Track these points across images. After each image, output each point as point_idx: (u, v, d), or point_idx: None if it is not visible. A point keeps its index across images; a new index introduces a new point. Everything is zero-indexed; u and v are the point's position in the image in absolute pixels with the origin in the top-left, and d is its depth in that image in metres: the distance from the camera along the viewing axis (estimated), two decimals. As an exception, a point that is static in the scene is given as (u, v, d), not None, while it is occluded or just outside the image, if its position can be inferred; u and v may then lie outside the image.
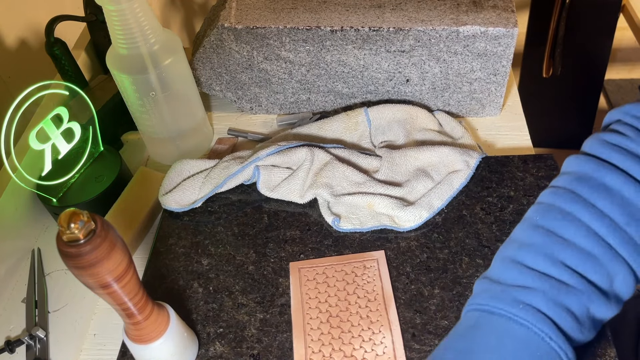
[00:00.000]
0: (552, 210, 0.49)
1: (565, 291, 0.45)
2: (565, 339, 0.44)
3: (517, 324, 0.44)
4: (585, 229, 0.47)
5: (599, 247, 0.46)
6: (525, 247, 0.48)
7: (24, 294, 0.63)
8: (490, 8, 0.71)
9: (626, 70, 1.93)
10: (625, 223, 0.47)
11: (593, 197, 0.48)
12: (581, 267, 0.46)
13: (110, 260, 0.41)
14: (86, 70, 0.82)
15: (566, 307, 0.45)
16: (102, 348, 0.60)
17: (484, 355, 0.44)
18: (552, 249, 0.47)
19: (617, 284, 0.47)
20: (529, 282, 0.46)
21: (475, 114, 0.79)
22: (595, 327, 0.47)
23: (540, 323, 0.44)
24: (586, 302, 0.45)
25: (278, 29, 0.71)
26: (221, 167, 0.69)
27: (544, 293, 0.45)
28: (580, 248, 0.46)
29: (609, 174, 0.48)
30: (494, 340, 0.44)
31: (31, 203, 0.69)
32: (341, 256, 0.63)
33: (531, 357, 0.43)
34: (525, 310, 0.44)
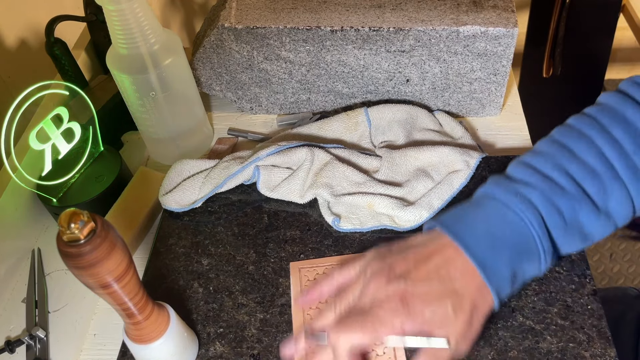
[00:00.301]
0: (572, 130, 0.55)
1: (560, 194, 0.52)
2: (547, 233, 0.52)
3: (509, 210, 0.52)
4: (595, 150, 0.53)
5: (602, 166, 0.52)
6: (538, 154, 0.55)
7: (24, 294, 0.63)
8: (490, 8, 0.71)
9: (626, 70, 1.93)
10: (632, 151, 0.52)
11: (611, 125, 0.53)
12: (581, 178, 0.52)
13: (110, 260, 0.41)
14: (86, 70, 0.82)
15: (557, 206, 0.51)
16: (102, 348, 0.60)
17: (473, 223, 0.52)
18: (561, 160, 0.53)
19: (612, 202, 0.52)
20: (531, 180, 0.53)
21: (475, 114, 0.79)
22: (581, 235, 0.53)
23: (529, 212, 0.51)
24: (576, 207, 0.51)
25: (278, 29, 0.71)
26: (221, 167, 0.69)
27: (541, 191, 0.52)
28: (585, 163, 0.52)
29: (630, 108, 0.53)
30: (485, 214, 0.52)
31: (31, 203, 0.69)
32: (342, 256, 0.62)
33: (512, 235, 0.51)
34: (521, 200, 0.52)
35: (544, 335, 0.54)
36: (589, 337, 0.54)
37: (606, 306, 0.56)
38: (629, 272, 1.54)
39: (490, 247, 0.50)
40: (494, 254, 0.50)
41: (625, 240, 1.59)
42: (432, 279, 0.50)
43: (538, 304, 0.57)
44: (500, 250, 0.50)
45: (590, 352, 0.53)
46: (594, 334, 0.54)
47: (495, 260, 0.50)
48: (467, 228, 0.52)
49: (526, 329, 0.55)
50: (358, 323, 0.49)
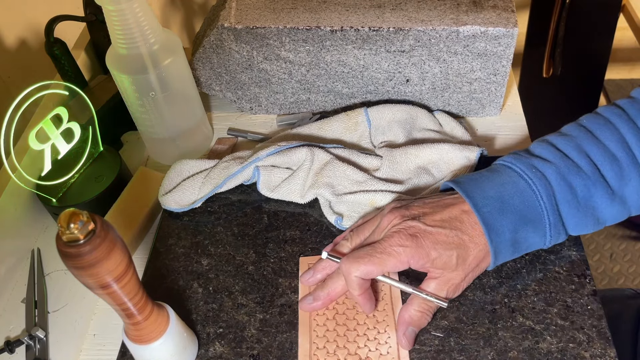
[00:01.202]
0: (599, 117, 0.57)
1: (576, 172, 0.53)
2: (556, 206, 0.53)
3: (522, 180, 0.54)
4: (618, 137, 0.54)
5: (623, 153, 0.54)
6: (562, 135, 0.57)
7: (23, 294, 0.63)
8: (490, 8, 0.71)
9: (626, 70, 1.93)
10: None
11: (637, 117, 0.55)
12: (600, 161, 0.53)
13: (110, 261, 0.41)
14: (86, 70, 0.82)
15: (570, 184, 0.53)
16: (102, 348, 0.60)
17: (485, 185, 0.54)
18: (582, 142, 0.55)
19: (628, 188, 0.53)
20: (550, 157, 0.55)
21: (475, 114, 0.79)
22: (593, 217, 0.54)
23: (540, 185, 0.53)
24: (591, 188, 0.53)
25: (278, 29, 0.71)
26: (221, 167, 0.69)
27: (557, 167, 0.53)
28: (606, 148, 0.54)
29: None
30: (499, 180, 0.55)
31: (31, 203, 0.69)
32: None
33: (520, 203, 0.53)
34: (535, 173, 0.53)
35: (544, 336, 0.54)
36: (589, 337, 0.54)
37: (603, 307, 0.56)
38: (629, 272, 1.54)
39: (498, 209, 0.53)
40: (500, 216, 0.53)
41: (625, 240, 1.59)
42: (444, 225, 0.53)
43: (538, 304, 0.57)
44: (507, 213, 0.53)
45: (590, 353, 0.53)
46: (594, 334, 0.54)
47: (500, 222, 0.53)
48: (479, 189, 0.54)
49: (526, 329, 0.55)
50: (368, 254, 0.53)
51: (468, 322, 0.56)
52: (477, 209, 0.53)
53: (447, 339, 0.55)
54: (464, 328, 0.56)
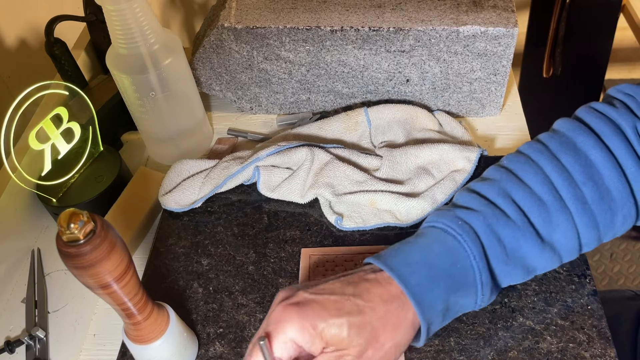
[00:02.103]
0: (521, 156, 0.52)
1: (504, 222, 0.48)
2: (487, 264, 0.48)
3: (450, 235, 0.48)
4: (543, 177, 0.50)
5: (550, 196, 0.49)
6: (483, 180, 0.52)
7: (23, 294, 0.63)
8: (490, 8, 0.71)
9: (626, 70, 1.93)
10: (582, 182, 0.49)
11: (560, 152, 0.50)
12: (527, 207, 0.49)
13: (110, 261, 0.41)
14: (86, 70, 0.82)
15: (499, 236, 0.48)
16: (102, 348, 0.60)
17: (412, 252, 0.48)
18: (506, 185, 0.50)
19: (557, 234, 0.49)
20: (474, 205, 0.50)
21: (475, 114, 0.79)
22: (523, 268, 0.49)
23: (470, 242, 0.47)
24: (520, 239, 0.48)
25: (278, 29, 0.71)
26: (221, 167, 0.69)
27: (484, 217, 0.48)
28: (532, 191, 0.49)
29: (582, 134, 0.51)
30: (424, 243, 0.48)
31: (31, 203, 0.69)
32: (353, 247, 0.63)
33: (451, 266, 0.47)
34: (462, 227, 0.48)
35: (544, 335, 0.54)
36: (589, 337, 0.54)
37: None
38: (629, 272, 1.54)
39: (427, 277, 0.46)
40: (430, 285, 0.46)
41: (625, 240, 1.59)
42: (335, 294, 0.45)
43: (538, 304, 0.57)
44: (438, 281, 0.46)
45: (590, 353, 0.53)
46: (594, 334, 0.54)
47: (431, 292, 0.46)
48: (402, 258, 0.47)
49: (526, 329, 0.55)
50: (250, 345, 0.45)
51: (468, 322, 0.56)
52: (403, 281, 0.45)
53: (447, 339, 0.55)
54: (463, 328, 0.55)
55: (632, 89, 0.53)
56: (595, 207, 0.49)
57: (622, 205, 0.50)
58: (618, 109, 0.52)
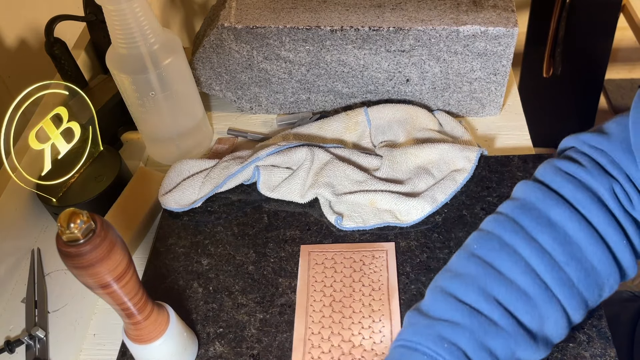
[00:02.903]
0: (492, 239, 0.47)
1: (494, 332, 0.43)
2: None
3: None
4: (523, 265, 0.45)
5: (534, 287, 0.44)
6: (458, 277, 0.46)
7: (23, 294, 0.63)
8: (490, 8, 0.71)
9: (626, 70, 1.93)
10: (564, 262, 0.45)
11: (535, 230, 0.46)
12: (513, 306, 0.44)
13: (110, 260, 0.41)
14: (86, 70, 0.82)
15: (491, 350, 0.43)
16: (101, 348, 0.60)
17: None
18: (486, 282, 0.45)
19: (548, 327, 0.45)
20: (457, 317, 0.44)
21: (475, 114, 0.79)
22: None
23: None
24: (513, 346, 0.44)
25: (278, 29, 0.71)
26: (221, 167, 0.69)
27: (471, 333, 0.43)
28: (515, 285, 0.45)
29: (555, 206, 0.46)
30: None
31: (31, 203, 0.69)
32: (352, 244, 0.63)
33: None
34: (450, 351, 0.43)
35: (544, 335, 0.54)
36: (589, 337, 0.54)
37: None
38: (629, 272, 1.54)
39: None
40: None
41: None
42: None
43: (538, 303, 0.57)
44: None
45: (590, 352, 0.53)
46: (594, 334, 0.54)
47: None
48: None
49: (526, 329, 0.55)
50: None
51: (468, 321, 0.56)
52: None
53: (447, 338, 0.55)
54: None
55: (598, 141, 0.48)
56: (582, 287, 0.45)
57: (608, 277, 0.46)
58: (588, 170, 0.47)
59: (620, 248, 0.46)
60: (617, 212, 0.46)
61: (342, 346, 0.55)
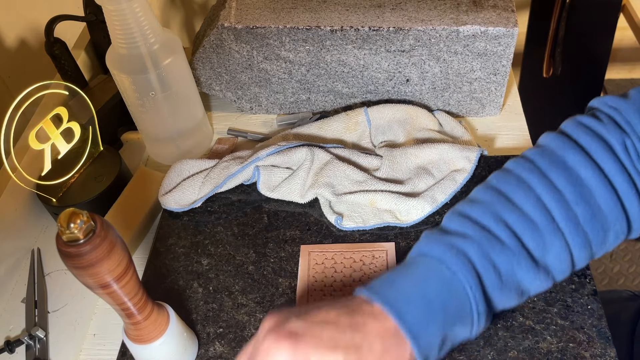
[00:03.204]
0: (510, 175, 0.51)
1: (499, 249, 0.47)
2: (483, 293, 0.47)
3: (445, 267, 0.46)
4: (534, 198, 0.49)
5: (542, 217, 0.48)
6: (475, 203, 0.50)
7: (23, 294, 0.63)
8: (490, 8, 0.71)
9: (626, 70, 1.93)
10: (574, 202, 0.48)
11: (550, 170, 0.49)
12: (520, 231, 0.48)
13: (110, 260, 0.41)
14: (86, 70, 0.82)
15: (494, 263, 0.47)
16: (102, 348, 0.60)
17: (406, 285, 0.46)
18: (498, 208, 0.49)
19: (550, 256, 0.48)
20: (467, 231, 0.48)
21: (475, 114, 0.79)
22: (517, 292, 0.48)
23: (466, 271, 0.46)
24: (515, 265, 0.47)
25: (278, 29, 0.71)
26: (221, 167, 0.69)
27: (478, 245, 0.47)
28: (524, 213, 0.48)
29: (571, 152, 0.50)
30: (420, 275, 0.47)
31: (31, 203, 0.69)
32: (352, 244, 0.63)
33: (448, 298, 0.45)
34: (457, 256, 0.46)
35: (544, 335, 0.54)
36: (589, 337, 0.54)
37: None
38: (629, 272, 1.54)
39: (424, 314, 0.45)
40: (427, 322, 0.44)
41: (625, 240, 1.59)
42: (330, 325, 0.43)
43: (538, 304, 0.57)
44: (435, 317, 0.45)
45: (590, 352, 0.53)
46: (594, 334, 0.54)
47: (427, 328, 0.44)
48: (398, 292, 0.45)
49: (526, 329, 0.55)
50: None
51: (468, 321, 0.56)
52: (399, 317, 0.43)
53: (447, 338, 0.55)
54: (464, 328, 0.55)
55: (617, 102, 0.52)
56: (588, 227, 0.49)
57: (614, 222, 0.49)
58: (605, 124, 0.51)
59: (628, 197, 0.49)
60: (628, 164, 0.50)
61: None
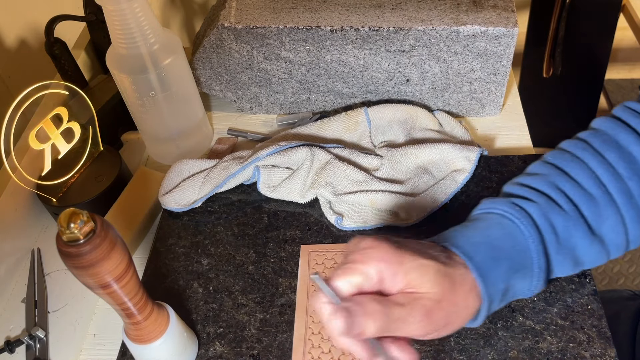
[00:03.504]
0: (565, 153, 0.54)
1: (557, 211, 0.50)
2: (544, 252, 0.49)
3: (508, 219, 0.49)
4: (589, 172, 0.51)
5: (597, 190, 0.50)
6: (532, 175, 0.54)
7: (24, 294, 0.63)
8: (490, 8, 0.71)
9: (626, 70, 1.93)
10: (627, 177, 0.50)
11: (603, 148, 0.52)
12: (577, 199, 0.50)
13: (110, 260, 0.41)
14: (86, 70, 0.82)
15: (553, 224, 0.49)
16: (102, 348, 0.60)
17: (473, 234, 0.49)
18: (555, 179, 0.52)
19: (606, 227, 0.50)
20: (528, 195, 0.51)
21: (475, 114, 0.79)
22: (573, 259, 0.51)
23: (528, 224, 0.49)
24: (571, 228, 0.50)
25: (278, 29, 0.71)
26: (221, 167, 0.69)
27: (539, 205, 0.50)
28: (580, 185, 0.51)
29: (622, 132, 0.52)
30: (485, 226, 0.50)
31: (31, 203, 0.69)
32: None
33: (511, 248, 0.48)
34: (519, 212, 0.49)
35: (544, 335, 0.54)
36: (589, 337, 0.54)
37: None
38: (629, 272, 1.54)
39: (490, 257, 0.47)
40: (493, 264, 0.47)
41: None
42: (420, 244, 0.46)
43: (538, 304, 0.57)
44: (500, 260, 0.47)
45: (590, 352, 0.53)
46: (594, 334, 0.54)
47: (494, 271, 0.47)
48: (464, 237, 0.48)
49: (526, 329, 0.55)
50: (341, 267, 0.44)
51: (468, 321, 0.56)
52: (467, 257, 0.46)
53: (447, 338, 0.55)
54: (464, 328, 0.55)
55: None
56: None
57: None
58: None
59: None
60: None
61: None
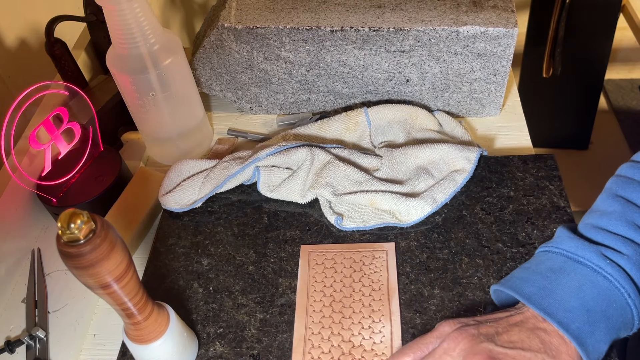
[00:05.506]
0: (632, 183, 0.53)
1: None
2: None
3: (601, 276, 0.48)
4: None
5: None
6: (606, 215, 0.52)
7: (24, 294, 0.63)
8: (490, 8, 0.71)
9: (626, 70, 1.93)
10: None
11: None
12: None
13: (110, 261, 0.41)
14: (86, 70, 0.82)
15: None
16: (102, 348, 0.60)
17: (564, 296, 0.48)
18: (632, 216, 0.51)
19: None
20: (614, 245, 0.50)
21: (475, 114, 0.79)
22: None
23: (623, 280, 0.48)
24: None
25: (278, 29, 0.71)
26: (221, 167, 0.69)
27: (628, 257, 0.49)
28: None
29: None
30: (576, 284, 0.48)
31: (31, 203, 0.69)
32: (352, 244, 0.63)
33: (608, 307, 0.47)
34: (612, 266, 0.48)
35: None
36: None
37: None
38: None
39: (586, 322, 0.47)
40: (591, 330, 0.47)
41: None
42: (524, 343, 0.46)
43: (538, 304, 0.57)
44: (597, 324, 0.47)
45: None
46: (594, 334, 0.54)
47: (593, 337, 0.47)
48: (558, 302, 0.48)
49: (526, 329, 0.55)
50: None
51: (468, 322, 0.56)
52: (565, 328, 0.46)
53: (447, 339, 0.55)
54: (463, 328, 0.55)
55: None
56: None
57: None
58: None
59: None
60: None
61: (342, 346, 0.55)
